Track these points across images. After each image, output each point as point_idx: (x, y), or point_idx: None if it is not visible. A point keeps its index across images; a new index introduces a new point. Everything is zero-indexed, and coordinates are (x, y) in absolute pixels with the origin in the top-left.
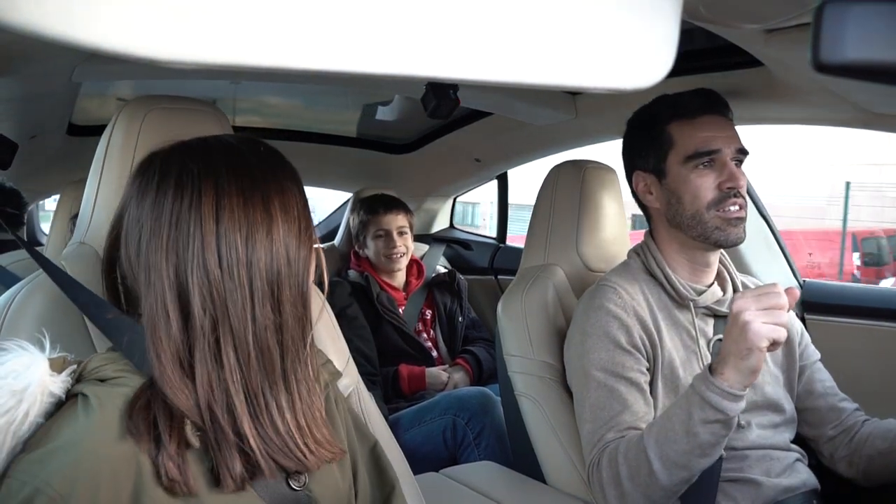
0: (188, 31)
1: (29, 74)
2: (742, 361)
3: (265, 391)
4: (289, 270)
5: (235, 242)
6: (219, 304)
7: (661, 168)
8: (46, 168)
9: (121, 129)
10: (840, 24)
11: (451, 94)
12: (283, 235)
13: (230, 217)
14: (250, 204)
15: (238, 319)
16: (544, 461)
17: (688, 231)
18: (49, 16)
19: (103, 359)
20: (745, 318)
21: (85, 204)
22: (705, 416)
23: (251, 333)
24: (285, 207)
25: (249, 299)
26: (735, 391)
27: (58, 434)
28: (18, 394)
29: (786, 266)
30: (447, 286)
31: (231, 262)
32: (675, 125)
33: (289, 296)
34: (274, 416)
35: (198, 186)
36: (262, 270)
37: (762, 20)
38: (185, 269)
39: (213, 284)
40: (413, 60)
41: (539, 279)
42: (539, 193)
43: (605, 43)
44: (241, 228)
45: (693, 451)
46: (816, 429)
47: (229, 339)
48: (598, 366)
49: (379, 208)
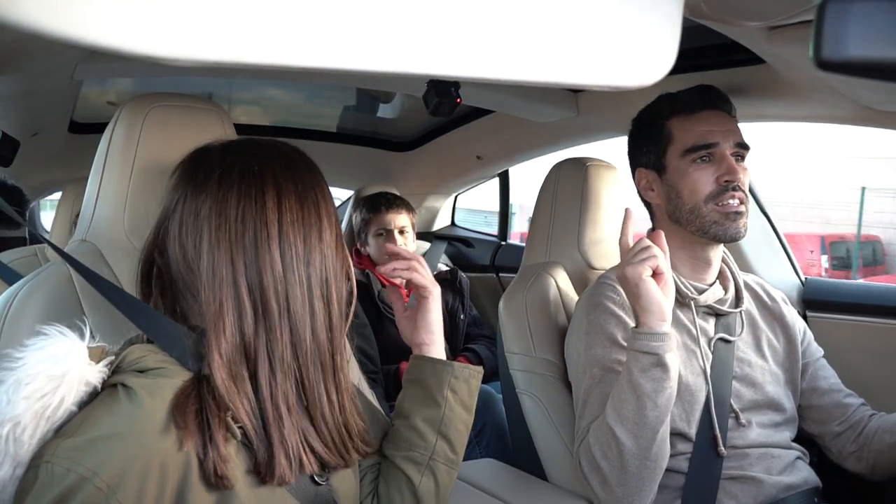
0: (189, 29)
1: (30, 72)
2: (640, 300)
3: (318, 385)
4: (335, 270)
5: (295, 241)
6: (282, 300)
7: (661, 163)
8: (48, 165)
9: (122, 127)
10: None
11: (453, 92)
12: (328, 237)
13: (290, 216)
14: (305, 206)
15: (298, 315)
16: (546, 458)
17: (687, 225)
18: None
19: (144, 350)
20: (622, 268)
21: (87, 201)
22: (641, 364)
23: (309, 328)
24: (329, 210)
25: (308, 296)
26: (656, 330)
27: (98, 423)
28: (56, 379)
29: (787, 264)
30: (449, 284)
31: (292, 260)
32: (674, 120)
33: (335, 294)
34: (325, 409)
35: (260, 185)
36: (317, 269)
37: (764, 17)
38: (251, 266)
39: (276, 281)
40: (415, 58)
41: (541, 277)
42: (541, 191)
43: (608, 40)
44: (300, 228)
45: (643, 404)
46: (823, 426)
47: (288, 335)
48: (596, 363)
49: (381, 206)
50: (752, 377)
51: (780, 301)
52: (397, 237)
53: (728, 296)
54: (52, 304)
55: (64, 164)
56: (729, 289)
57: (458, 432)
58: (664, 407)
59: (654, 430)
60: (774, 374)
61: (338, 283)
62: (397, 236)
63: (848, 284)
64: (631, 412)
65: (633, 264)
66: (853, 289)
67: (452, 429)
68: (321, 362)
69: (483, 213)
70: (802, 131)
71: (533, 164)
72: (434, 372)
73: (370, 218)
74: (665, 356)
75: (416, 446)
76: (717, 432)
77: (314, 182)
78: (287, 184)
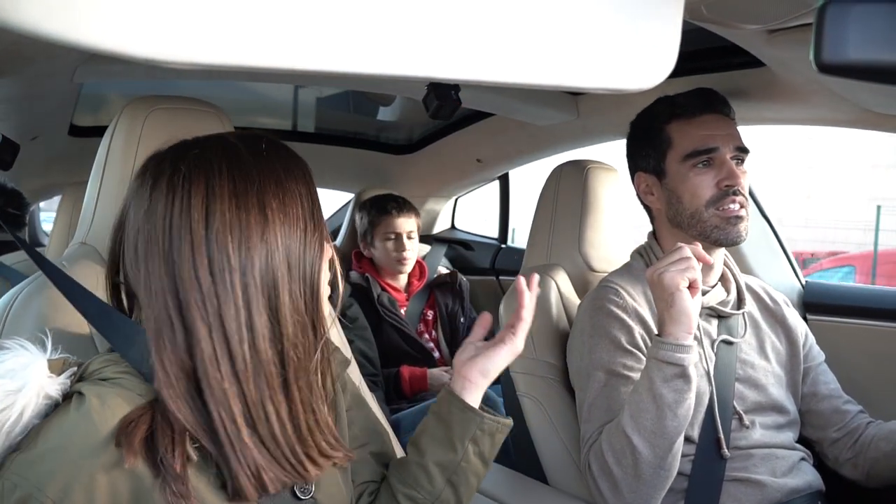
0: (188, 32)
1: (30, 75)
2: (671, 309)
3: (264, 403)
4: (289, 276)
5: (227, 247)
6: (212, 313)
7: (661, 168)
8: (48, 169)
9: (122, 130)
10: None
11: (453, 95)
12: (281, 238)
13: (221, 221)
14: (244, 206)
15: (232, 332)
16: (546, 461)
17: (688, 230)
18: (51, 16)
19: (104, 360)
20: (658, 273)
21: (87, 205)
22: (664, 374)
23: (247, 344)
24: (284, 208)
25: (245, 308)
26: (682, 342)
27: (46, 436)
28: (13, 394)
29: (788, 267)
30: (449, 287)
31: (223, 269)
32: (673, 125)
33: (288, 303)
34: (274, 428)
35: (188, 190)
36: (256, 277)
37: (764, 21)
38: (180, 277)
39: (205, 297)
40: (415, 61)
41: (541, 279)
42: (541, 194)
43: (607, 43)
44: (234, 232)
45: (663, 414)
46: (820, 431)
47: (225, 350)
48: (600, 366)
49: (392, 210)
50: (756, 379)
51: (783, 303)
52: (406, 241)
53: (730, 297)
54: (52, 307)
55: (64, 168)
56: (731, 290)
57: (469, 484)
58: (683, 417)
59: (672, 440)
60: (777, 376)
61: (294, 291)
62: (406, 240)
63: (848, 287)
64: (650, 422)
65: (672, 273)
66: (853, 292)
67: (463, 479)
68: (266, 378)
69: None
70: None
71: (525, 187)
72: (463, 418)
73: (380, 221)
74: (689, 368)
75: (421, 487)
76: (720, 434)
77: (268, 176)
78: (222, 186)
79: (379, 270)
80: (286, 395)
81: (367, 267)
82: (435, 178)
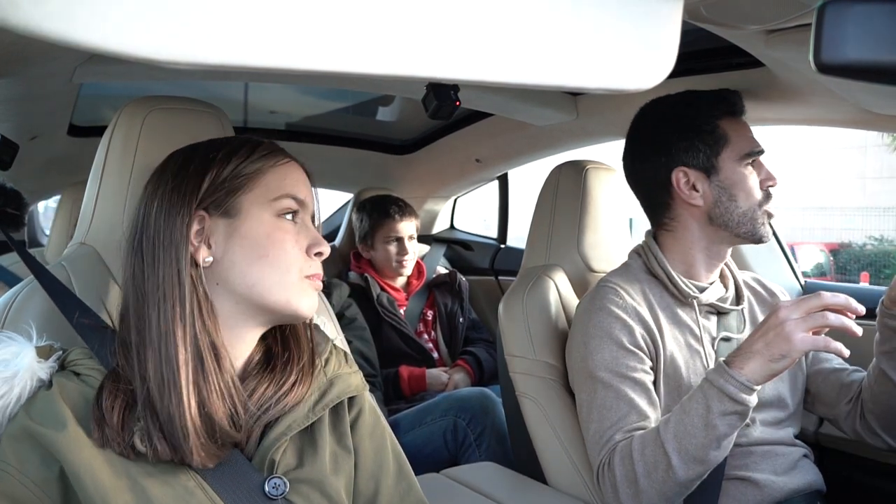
0: (188, 32)
1: (29, 75)
2: (771, 363)
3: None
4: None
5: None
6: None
7: (713, 164)
8: (47, 169)
9: (121, 130)
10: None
11: (452, 95)
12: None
13: (153, 227)
14: (172, 208)
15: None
16: (545, 462)
17: (736, 228)
18: (50, 16)
19: (82, 353)
20: (790, 329)
21: (86, 205)
22: (724, 408)
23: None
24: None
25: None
26: (752, 385)
27: (16, 417)
28: (8, 381)
29: (786, 267)
30: (448, 287)
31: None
32: (726, 121)
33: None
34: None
35: (144, 198)
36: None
37: (763, 21)
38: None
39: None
40: (414, 61)
41: (541, 279)
42: (540, 194)
43: (607, 43)
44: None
45: (710, 443)
46: (833, 408)
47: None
48: (603, 367)
49: (395, 214)
50: None
51: (780, 294)
52: (407, 244)
53: (728, 294)
54: (51, 307)
55: (63, 168)
56: (729, 287)
57: None
58: (725, 449)
59: (708, 468)
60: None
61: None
62: (407, 243)
63: (847, 287)
64: (694, 447)
65: (804, 334)
66: (852, 292)
67: None
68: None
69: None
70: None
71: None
72: None
73: (380, 224)
74: (749, 410)
75: None
76: None
77: (193, 174)
78: (160, 190)
79: (378, 272)
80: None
81: (366, 267)
82: (434, 179)
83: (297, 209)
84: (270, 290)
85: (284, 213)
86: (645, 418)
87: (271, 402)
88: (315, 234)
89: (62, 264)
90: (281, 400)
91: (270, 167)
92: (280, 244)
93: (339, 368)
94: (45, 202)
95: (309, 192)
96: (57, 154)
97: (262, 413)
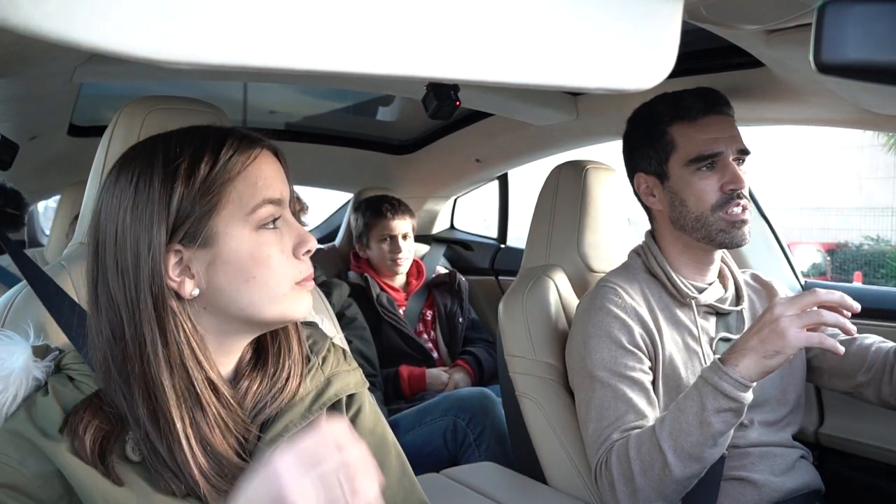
0: (188, 32)
1: (29, 75)
2: (766, 360)
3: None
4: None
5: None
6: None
7: (663, 170)
8: (47, 169)
9: (121, 130)
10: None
11: (452, 95)
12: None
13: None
14: (145, 206)
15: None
16: (545, 462)
17: (692, 233)
18: (50, 16)
19: (76, 357)
20: (784, 325)
21: (85, 204)
22: (718, 405)
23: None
24: (164, 199)
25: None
26: (747, 382)
27: (14, 415)
28: (4, 380)
29: (787, 267)
30: (447, 287)
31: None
32: (676, 127)
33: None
34: (173, 431)
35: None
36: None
37: (763, 21)
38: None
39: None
40: (414, 61)
41: (540, 280)
42: (540, 194)
43: (607, 43)
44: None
45: (706, 441)
46: (849, 379)
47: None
48: (602, 366)
49: (387, 212)
50: None
51: (778, 288)
52: (401, 243)
53: (728, 294)
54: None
55: (63, 168)
56: (728, 287)
57: None
58: (721, 446)
59: (705, 465)
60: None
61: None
62: (401, 242)
63: (847, 287)
64: (689, 445)
65: (798, 329)
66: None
67: None
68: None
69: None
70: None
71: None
72: None
73: (374, 222)
74: (744, 408)
75: None
76: None
77: (158, 196)
78: (124, 205)
79: (376, 271)
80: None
81: (366, 267)
82: (434, 179)
83: (277, 215)
84: (262, 308)
85: (264, 223)
86: (643, 418)
87: (266, 399)
88: (299, 230)
89: (61, 264)
90: (276, 397)
91: (238, 173)
92: (266, 261)
93: (337, 366)
94: (45, 202)
95: (284, 184)
96: (57, 154)
97: (259, 412)
